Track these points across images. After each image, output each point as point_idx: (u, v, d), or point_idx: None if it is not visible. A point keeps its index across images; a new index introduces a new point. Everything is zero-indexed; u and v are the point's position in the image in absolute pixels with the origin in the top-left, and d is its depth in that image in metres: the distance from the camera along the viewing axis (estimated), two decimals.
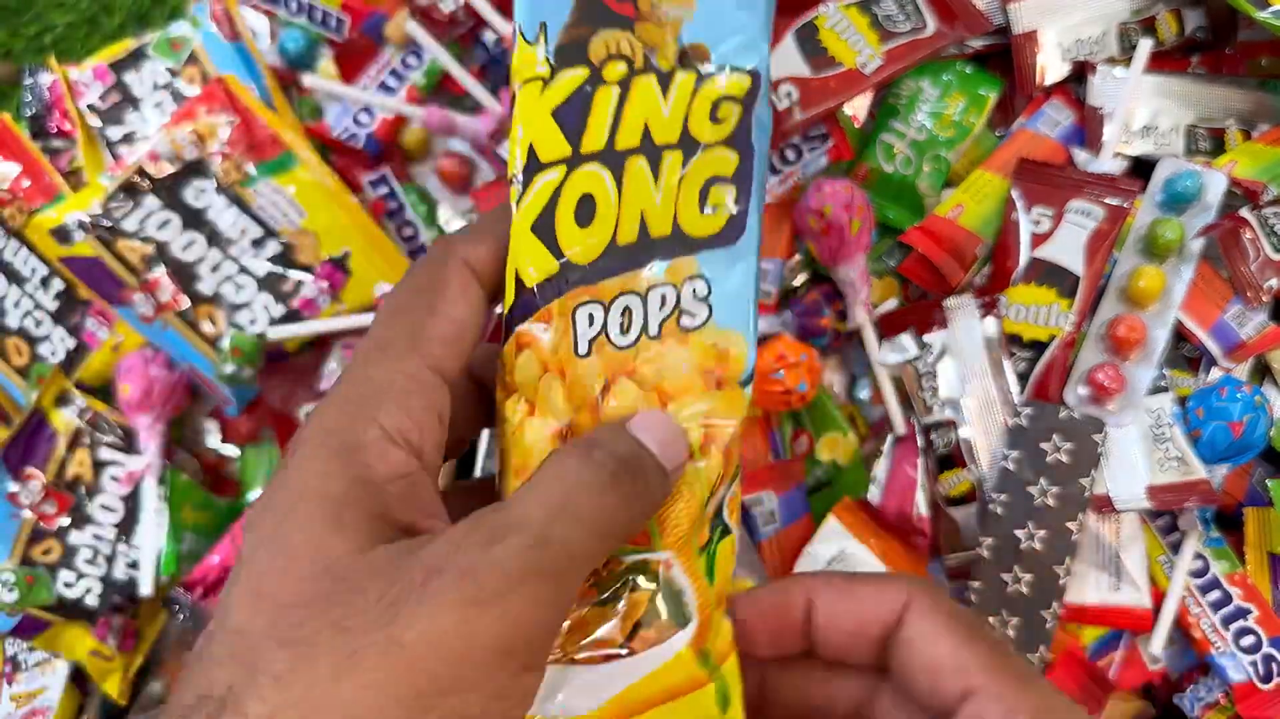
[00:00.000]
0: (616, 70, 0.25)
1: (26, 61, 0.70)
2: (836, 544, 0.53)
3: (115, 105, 0.60)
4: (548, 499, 0.22)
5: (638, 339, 0.25)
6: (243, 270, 0.55)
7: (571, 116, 0.25)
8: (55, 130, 0.62)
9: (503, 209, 0.26)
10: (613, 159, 0.25)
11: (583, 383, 0.25)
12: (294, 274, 0.56)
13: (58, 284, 0.59)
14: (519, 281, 0.25)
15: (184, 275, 0.55)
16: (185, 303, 0.55)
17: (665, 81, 0.25)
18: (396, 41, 0.60)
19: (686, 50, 0.25)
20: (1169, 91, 0.55)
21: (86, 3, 0.85)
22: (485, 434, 0.53)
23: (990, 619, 0.53)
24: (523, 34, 0.26)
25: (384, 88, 0.61)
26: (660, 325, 0.25)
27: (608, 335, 0.25)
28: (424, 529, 0.22)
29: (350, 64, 0.61)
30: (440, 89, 0.61)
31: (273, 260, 0.56)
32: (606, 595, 0.25)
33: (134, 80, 0.60)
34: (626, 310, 0.25)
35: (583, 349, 0.25)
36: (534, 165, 0.25)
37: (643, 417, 0.25)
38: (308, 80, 0.59)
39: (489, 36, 0.60)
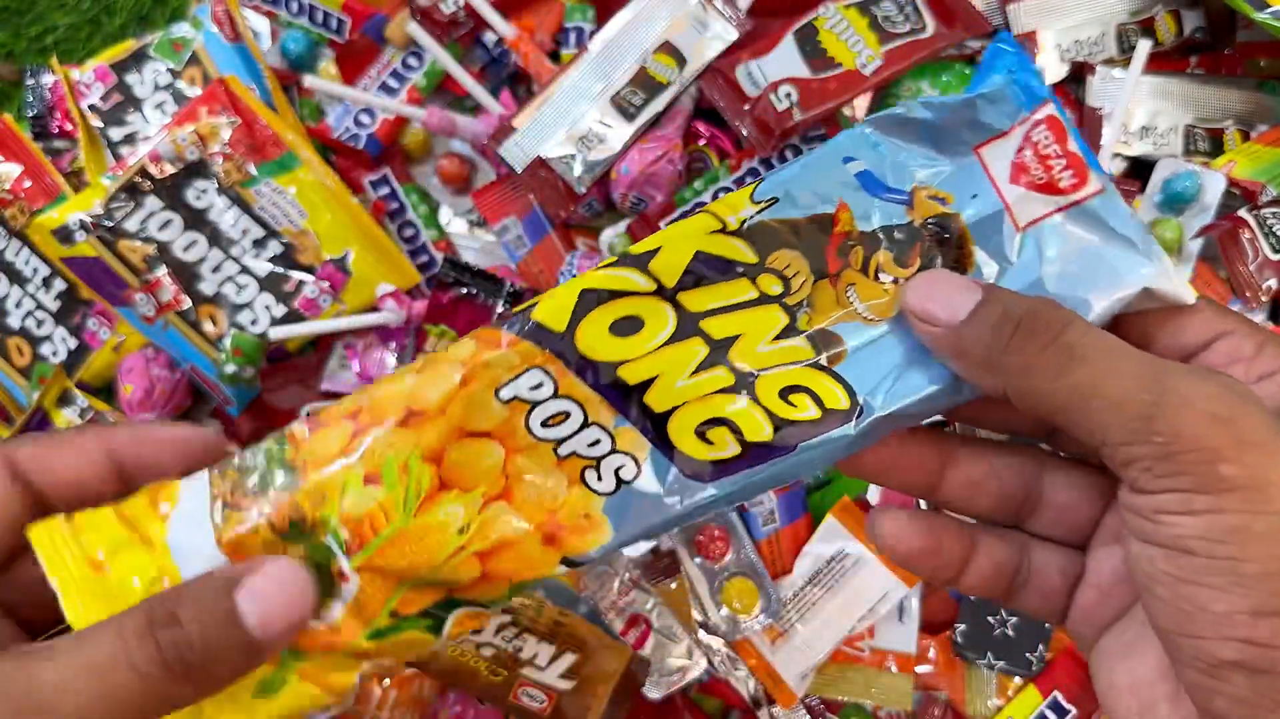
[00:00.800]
0: (770, 284, 0.24)
1: (28, 62, 0.70)
2: (836, 544, 0.53)
3: (117, 106, 0.60)
4: (87, 681, 0.20)
5: (543, 442, 0.24)
6: (244, 270, 0.55)
7: (703, 270, 0.24)
8: (57, 131, 0.62)
9: (87, 430, 0.25)
10: (688, 326, 0.24)
11: (470, 411, 0.24)
12: (295, 274, 0.56)
13: (59, 284, 0.59)
14: (536, 305, 0.25)
15: (185, 275, 0.55)
16: (186, 303, 0.55)
17: (789, 333, 0.24)
18: (397, 43, 0.61)
19: (829, 335, 0.24)
20: (1167, 92, 0.55)
21: (88, 4, 0.85)
22: None
23: (989, 618, 0.53)
24: (755, 189, 0.25)
25: (385, 89, 0.61)
26: (570, 455, 0.24)
27: (530, 413, 0.24)
28: None
29: (351, 65, 0.62)
30: (441, 90, 0.61)
31: (274, 261, 0.56)
32: None
33: (135, 81, 0.61)
34: (565, 414, 0.24)
35: (505, 395, 0.24)
36: (641, 262, 0.25)
37: (263, 577, 0.22)
38: (309, 81, 0.59)
39: (490, 38, 0.60)
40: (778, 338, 0.24)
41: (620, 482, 0.24)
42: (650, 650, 0.53)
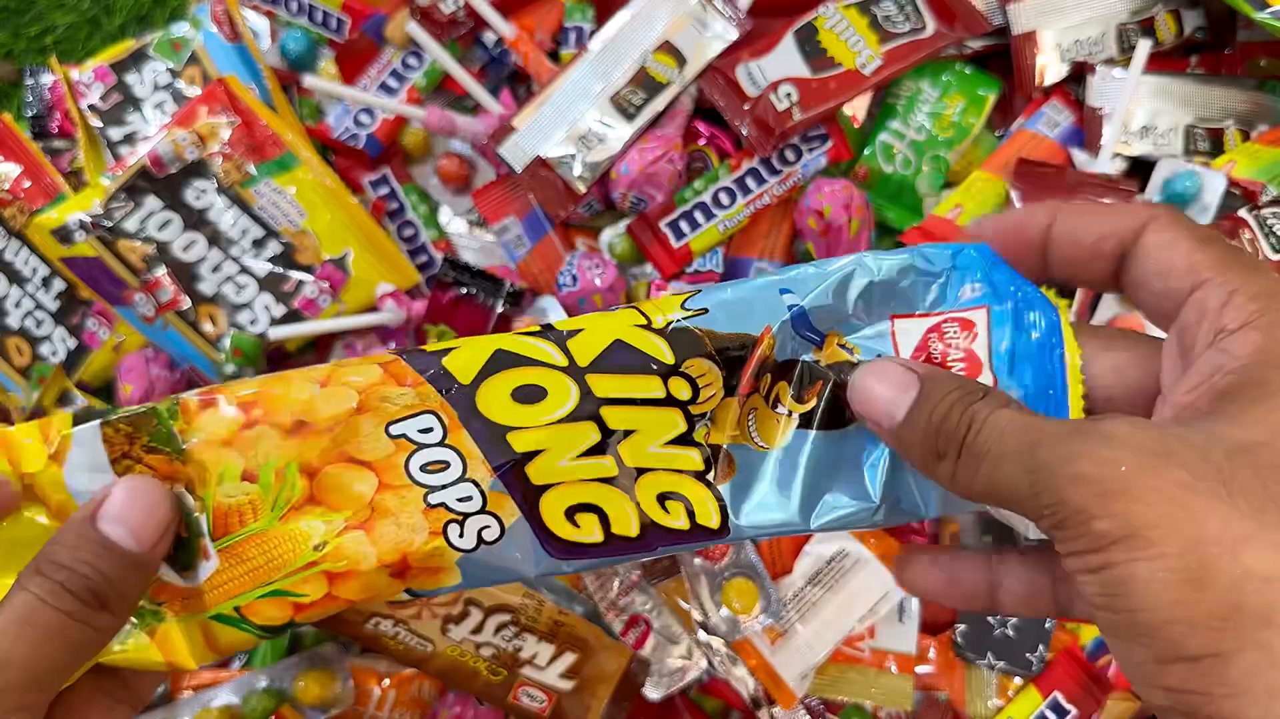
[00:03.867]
0: (680, 388, 0.25)
1: (28, 62, 0.70)
2: (836, 544, 0.53)
3: (116, 106, 0.60)
4: (23, 630, 0.23)
5: (417, 486, 0.25)
6: (243, 270, 0.55)
7: (618, 359, 0.25)
8: (56, 131, 0.62)
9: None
10: (587, 408, 0.25)
11: (357, 438, 0.25)
12: (295, 274, 0.56)
13: (59, 284, 0.59)
14: (449, 354, 0.25)
15: (185, 275, 0.55)
16: (186, 303, 0.55)
17: (684, 441, 0.25)
18: (397, 42, 0.61)
19: (722, 453, 0.25)
20: (1168, 92, 0.55)
21: (88, 3, 0.85)
22: None
23: (989, 619, 0.53)
24: (687, 298, 0.26)
25: (384, 88, 0.61)
26: (439, 505, 0.25)
27: (413, 455, 0.25)
28: None
29: (351, 65, 0.62)
30: (440, 90, 0.61)
31: (273, 260, 0.56)
32: None
33: (135, 81, 0.60)
34: (445, 464, 0.25)
35: (394, 431, 0.25)
36: (560, 338, 0.25)
37: (115, 499, 0.24)
38: (308, 81, 0.59)
39: (489, 37, 0.60)
40: (671, 443, 0.25)
41: (481, 542, 0.25)
42: (650, 651, 0.53)
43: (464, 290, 0.56)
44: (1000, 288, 0.26)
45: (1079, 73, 0.56)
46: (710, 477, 0.25)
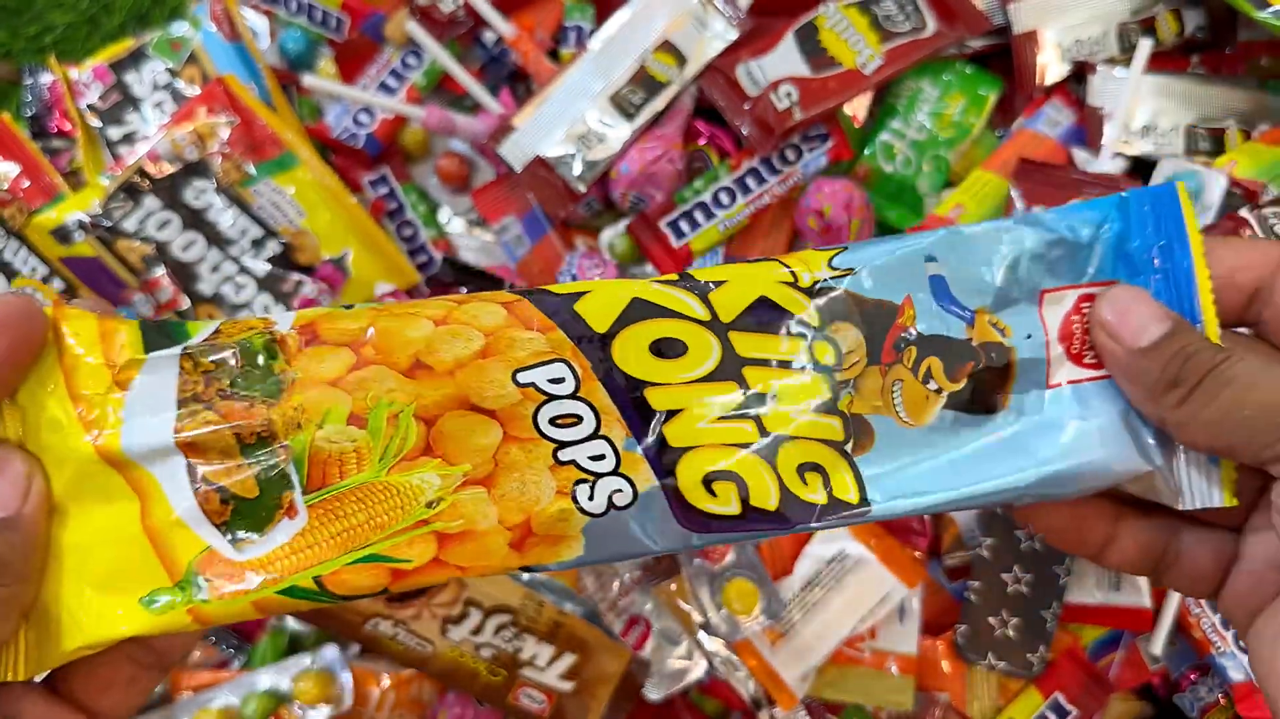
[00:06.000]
0: (824, 353, 0.24)
1: (26, 61, 0.70)
2: (836, 544, 0.53)
3: (115, 105, 0.60)
4: None
5: (545, 440, 0.23)
6: (243, 270, 0.55)
7: (763, 317, 0.24)
8: (55, 130, 0.62)
9: None
10: (730, 368, 0.24)
11: (481, 384, 0.23)
12: (294, 274, 0.56)
13: (58, 284, 0.59)
14: (582, 298, 0.24)
15: (184, 275, 0.55)
16: (185, 303, 0.54)
17: (827, 410, 0.24)
18: (396, 41, 0.60)
19: (863, 423, 0.24)
20: (1169, 91, 0.55)
21: (86, 3, 0.85)
22: None
23: (990, 619, 0.53)
24: (834, 256, 0.25)
25: (384, 88, 0.61)
26: (569, 463, 0.23)
27: (542, 406, 0.23)
28: None
29: (350, 64, 0.61)
30: (440, 89, 0.61)
31: (272, 260, 0.56)
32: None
33: (134, 80, 0.60)
34: (577, 418, 0.23)
35: (522, 379, 0.23)
36: (702, 289, 0.24)
37: None
38: (308, 80, 0.59)
39: (489, 36, 0.60)
40: (815, 410, 0.24)
41: (611, 506, 0.23)
42: (650, 652, 0.52)
43: (463, 290, 0.56)
44: (1138, 257, 0.25)
45: (1080, 72, 0.56)
46: (848, 448, 0.24)
